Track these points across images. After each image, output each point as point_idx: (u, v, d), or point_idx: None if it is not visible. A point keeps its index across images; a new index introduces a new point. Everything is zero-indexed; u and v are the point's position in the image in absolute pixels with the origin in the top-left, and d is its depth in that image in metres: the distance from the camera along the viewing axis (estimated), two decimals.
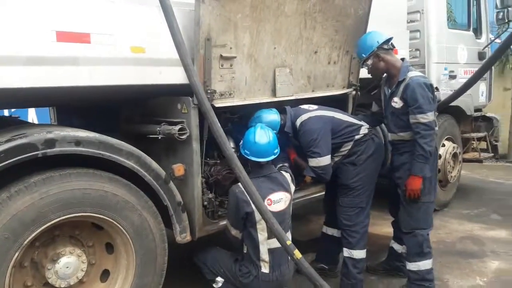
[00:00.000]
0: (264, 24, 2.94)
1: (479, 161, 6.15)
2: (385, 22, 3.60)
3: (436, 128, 3.08)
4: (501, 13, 5.44)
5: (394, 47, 3.28)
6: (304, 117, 3.20)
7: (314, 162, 3.13)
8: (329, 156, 3.14)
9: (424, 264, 3.17)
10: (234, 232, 2.85)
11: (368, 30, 3.57)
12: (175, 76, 2.71)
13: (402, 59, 3.29)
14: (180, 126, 2.72)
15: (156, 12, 2.54)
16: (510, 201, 5.70)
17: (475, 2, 5.85)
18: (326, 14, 3.28)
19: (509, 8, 5.42)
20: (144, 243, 2.59)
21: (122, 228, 2.49)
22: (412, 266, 3.20)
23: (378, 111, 3.51)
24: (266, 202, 2.68)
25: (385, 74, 3.34)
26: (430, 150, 2.99)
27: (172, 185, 2.74)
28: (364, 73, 3.76)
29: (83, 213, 2.35)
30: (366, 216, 3.33)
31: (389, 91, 3.24)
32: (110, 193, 2.42)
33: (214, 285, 2.95)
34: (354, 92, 3.79)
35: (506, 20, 5.45)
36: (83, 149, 2.34)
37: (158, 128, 2.79)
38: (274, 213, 2.62)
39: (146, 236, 2.59)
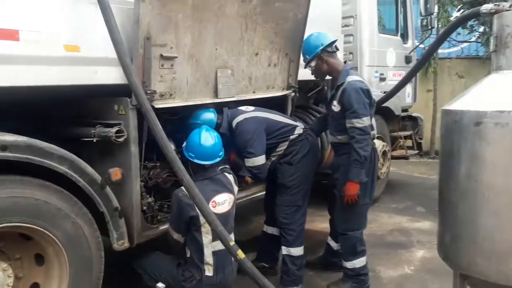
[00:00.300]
0: (205, 24, 2.91)
1: (405, 158, 6.59)
2: (322, 26, 3.68)
3: (373, 132, 3.18)
4: (425, 20, 5.88)
5: (337, 49, 3.33)
6: (239, 118, 3.23)
7: (249, 162, 3.17)
8: (263, 156, 3.19)
9: (358, 262, 3.30)
10: (176, 236, 2.79)
11: (306, 33, 3.67)
12: (112, 75, 2.59)
13: (345, 62, 3.38)
14: (117, 128, 2.61)
15: (92, 9, 2.41)
16: (432, 194, 6.11)
17: (402, 9, 6.24)
18: (266, 17, 3.32)
19: (432, 16, 5.88)
20: (79, 252, 2.46)
21: (54, 238, 2.33)
22: (347, 264, 3.32)
23: (327, 113, 3.55)
24: (210, 205, 2.66)
25: (327, 77, 3.40)
26: (365, 155, 3.01)
27: (108, 190, 2.62)
28: (302, 75, 3.87)
29: (10, 224, 2.17)
30: (303, 214, 3.43)
31: (330, 94, 3.32)
32: (41, 201, 2.26)
33: None
34: (293, 94, 3.87)
35: (429, 27, 5.90)
36: (10, 154, 2.15)
37: (93, 131, 2.65)
38: (218, 215, 2.60)
39: (80, 245, 2.46)
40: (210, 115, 3.23)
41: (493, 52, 2.28)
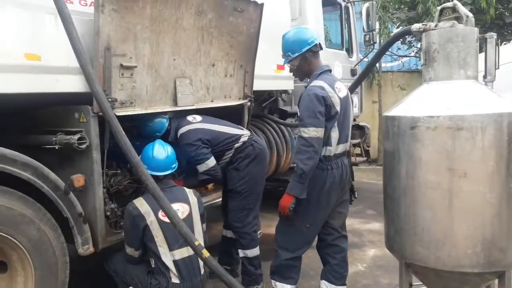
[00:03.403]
0: (163, 36, 3.05)
1: (355, 164, 6.95)
2: (273, 40, 3.88)
3: (330, 148, 2.83)
4: (368, 36, 6.34)
5: (321, 48, 2.97)
6: (183, 129, 3.35)
7: (203, 167, 3.30)
8: (213, 158, 3.33)
9: (281, 286, 2.99)
10: (129, 250, 2.84)
11: (260, 46, 3.88)
12: (73, 84, 2.66)
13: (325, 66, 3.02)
14: (79, 135, 2.67)
15: (52, 19, 2.50)
16: (381, 198, 6.48)
17: (346, 25, 6.68)
18: (221, 30, 3.50)
19: (374, 32, 6.35)
20: (44, 258, 2.47)
21: (18, 244, 2.34)
22: (272, 282, 3.05)
23: None
24: (160, 214, 2.72)
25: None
26: (303, 168, 2.68)
27: (72, 196, 2.65)
28: (256, 86, 4.07)
29: None
30: (255, 217, 3.54)
31: None
32: (4, 207, 2.28)
33: None
34: (249, 103, 4.05)
35: (372, 42, 6.37)
36: None
37: (54, 138, 2.69)
38: (167, 223, 2.67)
39: (45, 251, 2.47)
40: (162, 120, 3.36)
41: (423, 65, 2.54)
